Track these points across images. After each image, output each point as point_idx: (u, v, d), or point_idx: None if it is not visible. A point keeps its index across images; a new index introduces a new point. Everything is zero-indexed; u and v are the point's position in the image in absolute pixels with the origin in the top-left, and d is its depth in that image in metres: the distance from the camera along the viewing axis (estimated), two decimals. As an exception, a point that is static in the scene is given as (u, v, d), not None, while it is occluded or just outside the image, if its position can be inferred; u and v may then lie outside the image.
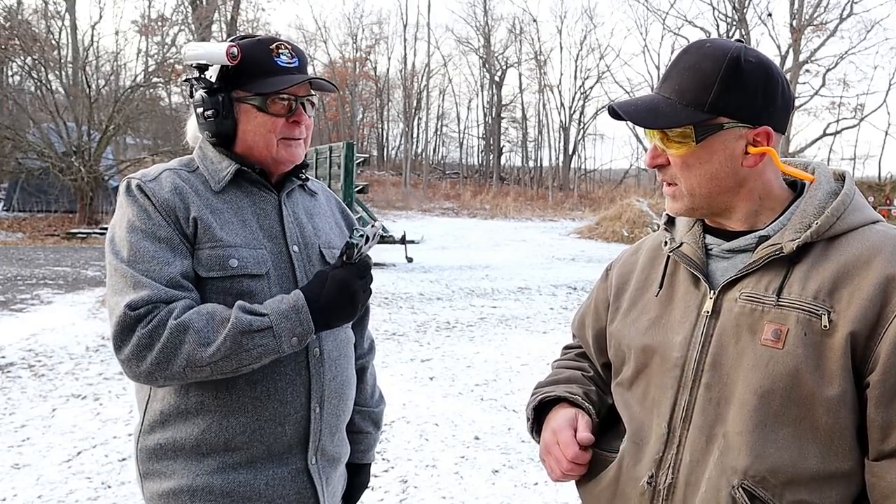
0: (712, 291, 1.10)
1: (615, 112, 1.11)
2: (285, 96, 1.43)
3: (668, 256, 1.20)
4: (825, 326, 0.99)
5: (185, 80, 1.49)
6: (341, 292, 1.36)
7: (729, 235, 1.13)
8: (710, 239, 1.15)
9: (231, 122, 1.44)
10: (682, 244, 1.17)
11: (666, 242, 1.20)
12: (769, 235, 1.08)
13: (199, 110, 1.45)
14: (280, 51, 1.44)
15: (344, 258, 1.39)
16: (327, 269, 1.40)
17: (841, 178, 1.14)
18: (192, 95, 1.47)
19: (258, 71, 1.42)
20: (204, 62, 1.43)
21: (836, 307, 1.00)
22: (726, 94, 1.05)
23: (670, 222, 1.24)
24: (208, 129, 1.45)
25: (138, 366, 1.29)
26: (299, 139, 1.47)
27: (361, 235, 1.40)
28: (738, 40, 1.11)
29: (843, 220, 1.06)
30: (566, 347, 1.48)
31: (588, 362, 1.39)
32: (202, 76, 1.44)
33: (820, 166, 1.15)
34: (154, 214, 1.36)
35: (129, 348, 1.28)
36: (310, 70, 1.52)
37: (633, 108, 1.10)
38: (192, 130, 1.54)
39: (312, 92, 1.50)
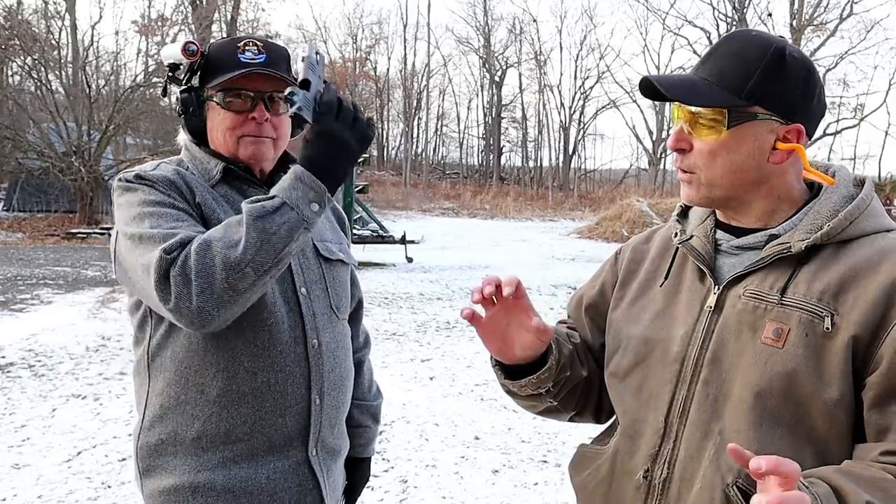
0: (717, 287, 1.09)
1: (647, 87, 1.08)
2: (246, 92, 1.42)
3: (677, 248, 1.18)
4: (827, 329, 0.98)
5: (162, 81, 1.51)
6: (329, 145, 1.31)
7: (740, 232, 1.12)
8: (720, 234, 1.14)
9: (200, 119, 1.46)
10: (691, 237, 1.16)
11: (676, 234, 1.19)
12: (779, 234, 1.07)
13: (177, 109, 1.47)
14: (246, 47, 1.43)
15: (311, 119, 1.30)
16: (306, 135, 1.34)
17: (860, 183, 1.12)
18: (164, 95, 1.49)
19: (222, 67, 1.42)
20: (172, 61, 1.44)
21: (839, 310, 0.98)
22: (766, 83, 1.02)
23: (683, 214, 1.23)
24: (183, 128, 1.48)
25: (189, 307, 1.22)
26: (262, 137, 1.45)
27: (292, 95, 1.27)
28: (781, 37, 1.09)
29: (856, 225, 1.04)
30: (558, 322, 1.43)
31: (577, 332, 1.34)
32: (173, 75, 1.45)
33: (841, 170, 1.13)
34: (165, 190, 1.36)
35: (172, 296, 1.22)
36: (296, 67, 1.48)
37: (670, 83, 1.06)
38: (181, 132, 1.56)
39: (289, 89, 1.45)
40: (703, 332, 1.08)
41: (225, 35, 23.45)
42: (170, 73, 1.46)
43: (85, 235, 16.19)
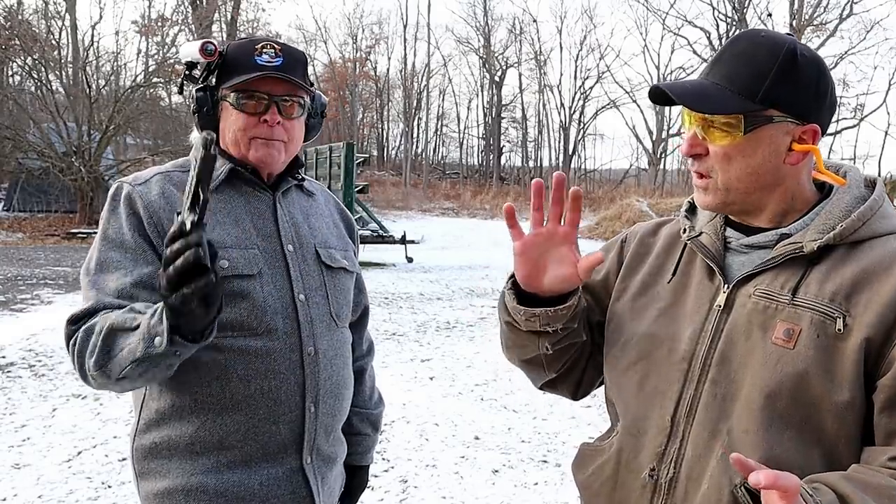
0: (726, 285, 1.08)
1: (657, 94, 1.07)
2: (259, 94, 1.42)
3: (685, 245, 1.17)
4: (839, 330, 0.97)
5: (180, 78, 1.51)
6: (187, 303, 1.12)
7: (750, 230, 1.11)
8: (729, 232, 1.13)
9: (213, 118, 1.46)
10: (700, 233, 1.15)
11: (685, 230, 1.18)
12: (790, 234, 1.06)
13: (191, 107, 1.47)
14: (264, 50, 1.43)
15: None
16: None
17: (872, 184, 1.11)
18: (180, 92, 1.49)
19: (237, 68, 1.42)
20: (189, 59, 1.45)
21: (852, 311, 0.98)
22: (780, 85, 1.01)
23: (691, 210, 1.22)
24: (197, 126, 1.48)
25: (83, 380, 1.32)
26: (272, 140, 1.44)
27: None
28: (789, 34, 1.07)
29: (869, 226, 1.04)
30: None
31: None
32: (190, 73, 1.46)
33: (852, 170, 1.13)
34: (126, 223, 1.37)
35: (73, 365, 1.32)
36: (311, 71, 1.49)
37: (683, 91, 1.05)
38: (194, 129, 1.56)
39: (299, 94, 1.47)
40: (712, 331, 1.07)
41: (225, 35, 23.38)
42: (186, 72, 1.46)
43: (85, 235, 16.19)
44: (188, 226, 1.07)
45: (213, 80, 1.45)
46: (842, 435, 0.98)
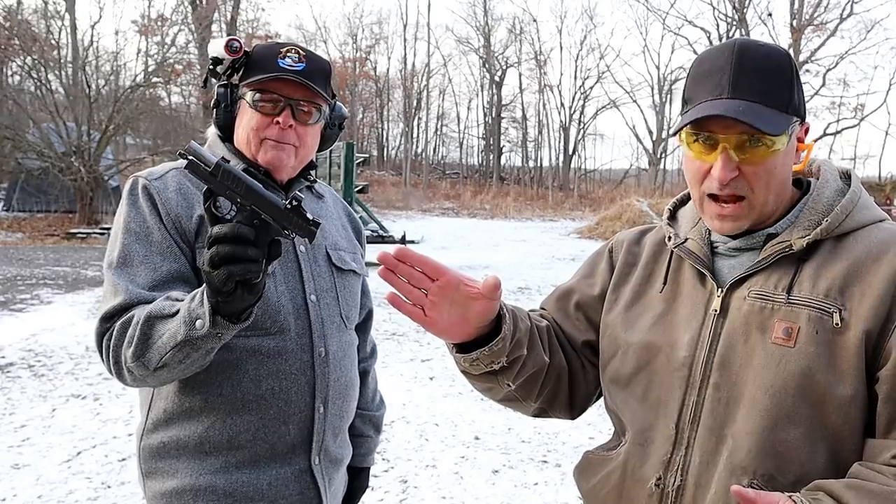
0: (720, 290, 1.08)
1: (697, 120, 1.01)
2: (276, 96, 1.43)
3: (672, 252, 1.17)
4: (837, 324, 0.99)
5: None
6: (224, 278, 1.13)
7: (735, 233, 1.11)
8: (715, 236, 1.13)
9: (230, 114, 1.47)
10: (686, 240, 1.15)
11: (670, 237, 1.18)
12: (777, 233, 1.07)
13: (212, 102, 1.49)
14: (288, 54, 1.44)
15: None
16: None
17: (846, 176, 1.13)
18: (204, 85, 1.54)
19: (259, 68, 1.43)
20: (215, 55, 1.47)
21: (847, 305, 0.99)
22: (797, 93, 1.04)
23: (672, 217, 1.22)
24: (214, 120, 1.49)
25: (111, 372, 1.32)
26: (283, 143, 1.44)
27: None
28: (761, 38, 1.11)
29: (852, 218, 1.05)
30: (529, 310, 1.32)
31: (546, 322, 1.26)
32: (214, 69, 1.48)
33: (825, 164, 1.14)
34: (150, 217, 1.37)
35: (102, 358, 1.31)
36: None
37: (738, 113, 0.99)
38: (212, 125, 1.57)
39: (317, 100, 1.47)
40: (710, 336, 1.07)
41: (225, 35, 23.37)
42: (211, 67, 1.48)
43: (85, 235, 16.19)
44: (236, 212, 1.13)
45: (237, 77, 1.46)
46: (846, 429, 0.99)
